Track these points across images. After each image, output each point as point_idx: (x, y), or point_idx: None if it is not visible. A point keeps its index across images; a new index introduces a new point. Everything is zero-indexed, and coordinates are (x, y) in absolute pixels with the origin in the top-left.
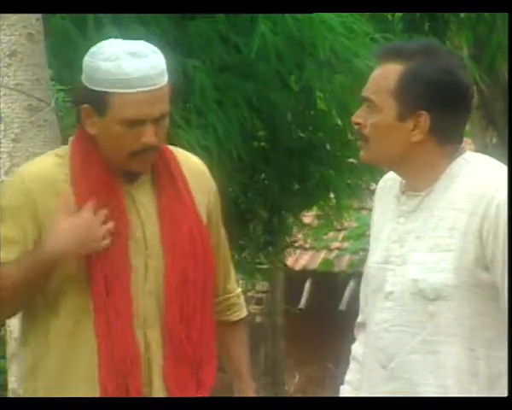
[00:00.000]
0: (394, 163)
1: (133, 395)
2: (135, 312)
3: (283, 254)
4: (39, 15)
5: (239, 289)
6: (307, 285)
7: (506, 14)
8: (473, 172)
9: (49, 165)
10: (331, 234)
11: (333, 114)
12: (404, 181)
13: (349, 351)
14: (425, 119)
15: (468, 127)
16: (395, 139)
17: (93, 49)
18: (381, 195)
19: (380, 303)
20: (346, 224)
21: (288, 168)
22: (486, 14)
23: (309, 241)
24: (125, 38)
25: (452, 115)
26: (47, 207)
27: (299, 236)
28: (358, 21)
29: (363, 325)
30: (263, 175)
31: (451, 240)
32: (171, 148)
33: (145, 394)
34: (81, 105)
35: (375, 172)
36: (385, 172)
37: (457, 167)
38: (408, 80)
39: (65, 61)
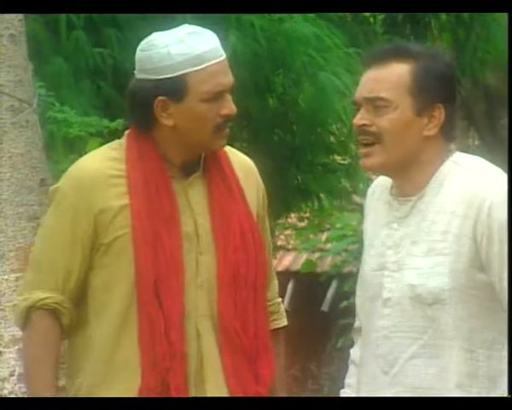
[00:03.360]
0: (398, 165)
1: (175, 391)
2: (185, 305)
3: None
4: (21, 16)
5: (279, 299)
6: (290, 286)
7: (483, 17)
8: (463, 174)
9: (102, 159)
10: (313, 235)
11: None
12: (394, 186)
13: (331, 352)
14: (440, 111)
15: None
16: (411, 134)
17: (144, 43)
18: (370, 202)
19: (378, 310)
20: (328, 225)
21: (268, 171)
22: (466, 17)
23: (291, 242)
24: (98, 41)
25: (456, 110)
26: (103, 203)
27: (282, 237)
28: (332, 34)
29: (360, 330)
30: None
31: (445, 244)
32: None
33: (196, 387)
34: (151, 100)
35: (355, 176)
36: (364, 174)
37: (447, 170)
38: (422, 76)
39: (37, 63)
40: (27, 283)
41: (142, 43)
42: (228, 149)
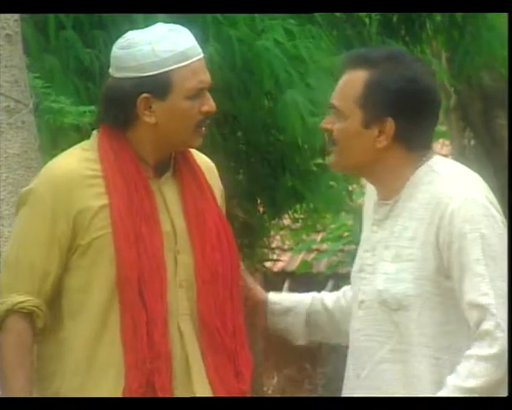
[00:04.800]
0: (362, 169)
1: (160, 391)
2: (167, 306)
3: (262, 256)
4: (17, 16)
5: None
6: (285, 286)
7: (475, 19)
8: (434, 180)
9: (77, 160)
10: (306, 236)
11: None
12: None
13: (326, 352)
14: (390, 125)
15: (445, 129)
16: (361, 146)
17: (123, 41)
18: (366, 202)
19: (355, 312)
20: (323, 226)
21: (261, 174)
22: (459, 17)
23: (287, 242)
24: (85, 42)
25: (418, 122)
26: (81, 204)
27: (277, 237)
28: (321, 40)
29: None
30: (240, 176)
31: (412, 250)
32: None
33: (183, 386)
34: (133, 98)
35: (350, 176)
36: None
37: (422, 174)
38: (373, 88)
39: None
40: (3, 285)
41: (120, 42)
42: (192, 150)
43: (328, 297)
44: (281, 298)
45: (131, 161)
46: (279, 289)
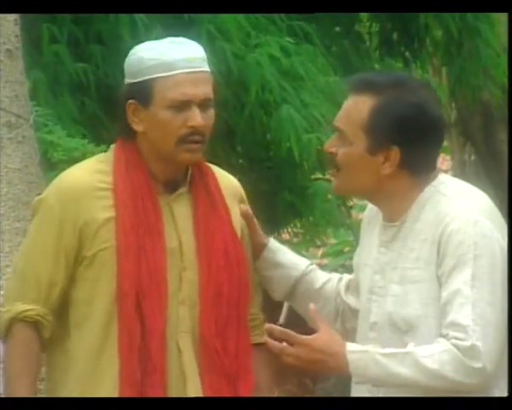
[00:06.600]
0: (366, 194)
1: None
2: (167, 321)
3: None
4: (18, 32)
5: (261, 316)
6: (285, 305)
7: (471, 35)
8: (440, 201)
9: (89, 171)
10: (310, 250)
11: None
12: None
13: None
14: (395, 153)
15: (446, 143)
16: (365, 171)
17: (136, 47)
18: (368, 222)
19: (365, 333)
20: (325, 240)
21: (260, 189)
22: (455, 34)
23: None
24: (82, 57)
25: (423, 148)
26: (88, 215)
27: None
28: (315, 59)
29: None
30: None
31: (417, 271)
32: (209, 164)
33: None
34: (125, 104)
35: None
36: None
37: (428, 196)
38: (378, 115)
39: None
40: (10, 294)
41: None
42: (214, 168)
43: (319, 277)
44: (277, 250)
45: (142, 175)
46: (280, 305)
